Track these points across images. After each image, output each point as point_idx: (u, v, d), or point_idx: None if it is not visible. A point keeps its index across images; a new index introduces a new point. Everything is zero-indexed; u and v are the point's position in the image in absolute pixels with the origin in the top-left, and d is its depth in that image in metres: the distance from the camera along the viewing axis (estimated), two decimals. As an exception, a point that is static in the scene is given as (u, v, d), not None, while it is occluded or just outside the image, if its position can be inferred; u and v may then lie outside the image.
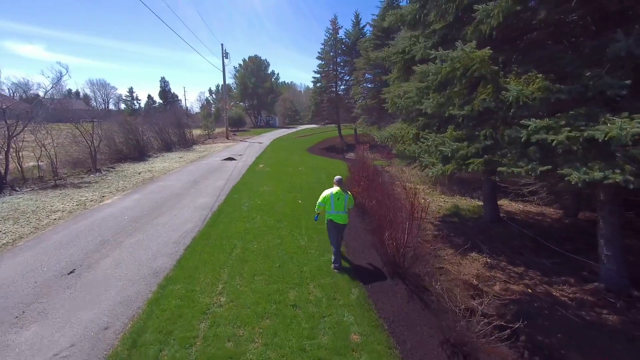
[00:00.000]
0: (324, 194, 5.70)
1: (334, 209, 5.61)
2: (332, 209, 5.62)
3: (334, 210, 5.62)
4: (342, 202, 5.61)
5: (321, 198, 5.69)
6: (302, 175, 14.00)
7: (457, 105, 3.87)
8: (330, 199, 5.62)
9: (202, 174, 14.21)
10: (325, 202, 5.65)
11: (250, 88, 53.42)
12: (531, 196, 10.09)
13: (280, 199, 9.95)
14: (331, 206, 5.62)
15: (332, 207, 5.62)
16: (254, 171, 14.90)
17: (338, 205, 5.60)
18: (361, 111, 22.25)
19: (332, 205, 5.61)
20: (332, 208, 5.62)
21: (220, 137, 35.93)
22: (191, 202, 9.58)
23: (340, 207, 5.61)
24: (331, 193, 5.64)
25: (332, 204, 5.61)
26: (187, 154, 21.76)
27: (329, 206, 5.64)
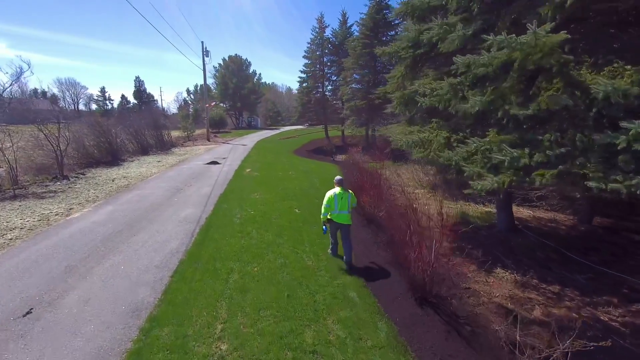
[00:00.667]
0: (327, 195, 5.72)
1: (338, 209, 5.65)
2: (336, 208, 5.66)
3: (337, 209, 5.65)
4: (345, 201, 5.67)
5: (325, 201, 5.71)
6: (294, 181, 13.08)
7: (514, 103, 3.18)
8: (334, 200, 5.66)
9: (185, 180, 13.00)
10: (330, 203, 5.68)
11: (231, 88, 51.78)
12: (539, 201, 9.68)
13: (275, 209, 9.01)
14: (335, 206, 5.66)
15: (336, 207, 5.66)
16: (241, 176, 13.83)
17: (342, 205, 5.65)
18: (350, 112, 21.59)
19: (336, 204, 5.65)
20: (336, 208, 5.66)
21: (200, 139, 34.34)
22: (175, 214, 8.47)
23: (344, 206, 5.66)
24: (334, 193, 5.68)
25: (336, 203, 5.65)
26: (166, 158, 20.30)
27: (332, 206, 5.68)
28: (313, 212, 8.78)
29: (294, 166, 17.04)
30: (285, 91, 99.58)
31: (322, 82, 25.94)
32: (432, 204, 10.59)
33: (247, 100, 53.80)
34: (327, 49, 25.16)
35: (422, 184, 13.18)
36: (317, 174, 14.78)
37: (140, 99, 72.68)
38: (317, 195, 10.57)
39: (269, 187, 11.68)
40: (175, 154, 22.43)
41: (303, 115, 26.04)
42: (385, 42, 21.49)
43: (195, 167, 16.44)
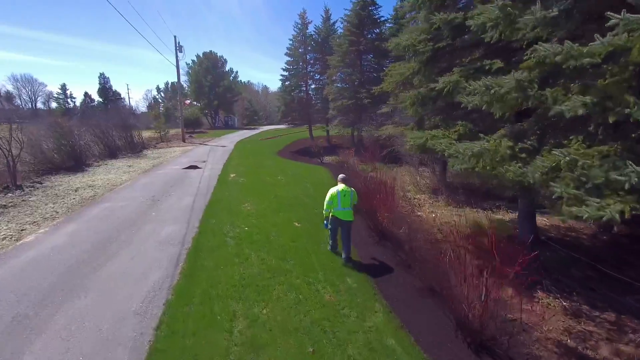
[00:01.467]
0: (330, 192, 5.84)
1: (341, 206, 5.77)
2: (339, 205, 5.77)
3: (340, 207, 5.77)
4: (348, 198, 5.80)
5: (328, 197, 5.85)
6: (285, 187, 11.97)
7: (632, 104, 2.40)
8: (337, 196, 5.78)
9: (162, 188, 11.54)
10: (333, 200, 5.80)
11: (206, 86, 49.44)
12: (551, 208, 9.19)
13: (272, 223, 7.90)
14: (338, 203, 5.77)
15: (339, 204, 5.77)
16: (225, 183, 12.52)
17: (345, 202, 5.78)
18: (337, 112, 20.70)
19: (339, 202, 5.76)
20: (339, 205, 5.77)
21: (175, 139, 32.25)
22: (153, 234, 7.15)
23: (347, 203, 5.80)
24: (337, 190, 5.81)
25: (339, 200, 5.76)
26: (137, 162, 18.47)
27: (335, 203, 5.79)
28: (316, 225, 7.77)
29: (281, 170, 15.89)
30: (262, 90, 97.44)
31: (305, 81, 24.86)
32: (439, 212, 9.91)
33: (224, 99, 51.62)
34: (310, 46, 24.11)
35: (422, 188, 12.51)
36: (309, 179, 13.74)
37: (106, 97, 68.58)
38: (314, 205, 9.57)
39: (260, 196, 10.51)
40: (148, 157, 20.57)
41: (286, 115, 24.85)
42: (372, 40, 20.79)
43: (172, 172, 14.89)
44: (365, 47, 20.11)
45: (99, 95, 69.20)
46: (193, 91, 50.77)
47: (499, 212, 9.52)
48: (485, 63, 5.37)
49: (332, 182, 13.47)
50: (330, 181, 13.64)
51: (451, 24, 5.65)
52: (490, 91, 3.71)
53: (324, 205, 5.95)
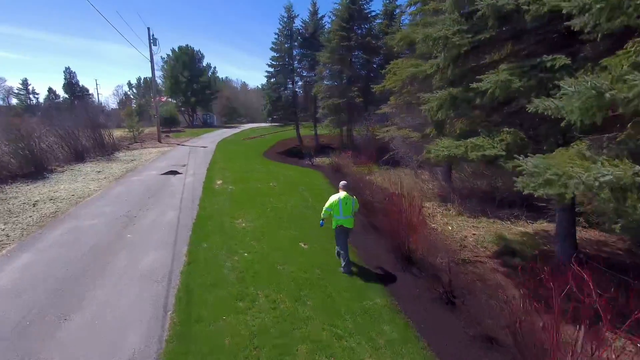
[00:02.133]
0: (331, 199, 5.70)
1: (342, 214, 5.63)
2: (341, 214, 5.63)
3: (342, 215, 5.63)
4: (349, 206, 5.67)
5: (328, 204, 5.70)
6: (280, 196, 10.76)
7: None
8: (338, 205, 5.63)
9: (138, 200, 10.03)
10: (333, 208, 5.66)
11: (183, 82, 46.78)
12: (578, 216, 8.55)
13: (275, 245, 6.72)
14: (339, 211, 5.62)
15: (341, 212, 5.62)
16: (212, 192, 11.15)
17: (346, 210, 5.64)
18: (327, 111, 19.61)
19: (341, 210, 5.61)
20: (341, 213, 5.62)
21: (149, 139, 30.05)
22: (131, 266, 5.80)
23: (348, 211, 5.66)
24: (339, 198, 5.65)
25: (341, 208, 5.61)
26: (108, 166, 16.60)
27: (337, 211, 5.64)
28: (326, 246, 6.67)
29: (272, 174, 14.62)
30: (241, 86, 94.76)
31: (292, 78, 23.56)
32: (454, 223, 9.06)
33: (202, 96, 49.13)
34: (297, 41, 22.81)
35: (427, 195, 11.65)
36: (305, 185, 12.58)
37: (72, 92, 64.30)
38: (318, 218, 8.40)
39: (254, 208, 9.26)
40: (121, 161, 18.67)
41: (272, 113, 23.46)
42: (364, 35, 19.80)
43: (149, 179, 13.29)
44: (356, 43, 19.09)
45: (65, 91, 64.87)
46: (169, 87, 47.94)
47: (519, 222, 8.78)
48: (545, 60, 4.43)
49: (330, 189, 12.41)
50: (328, 188, 12.55)
51: (501, 11, 4.68)
52: (604, 95, 2.76)
53: (323, 210, 5.84)
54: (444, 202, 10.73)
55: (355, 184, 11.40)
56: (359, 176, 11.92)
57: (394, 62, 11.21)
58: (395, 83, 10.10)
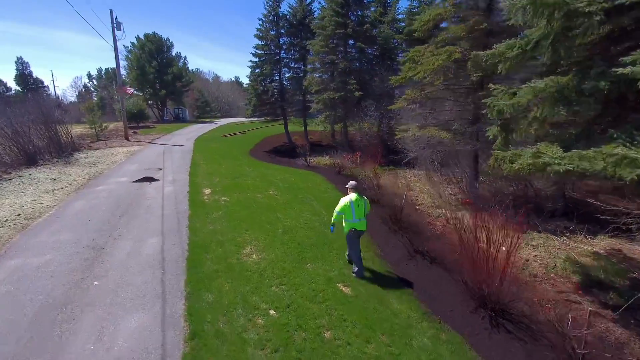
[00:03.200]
0: (343, 201, 5.41)
1: (356, 217, 5.35)
2: (354, 217, 5.35)
3: (355, 218, 5.35)
4: (362, 208, 5.40)
5: (339, 207, 5.40)
6: (287, 210, 8.91)
7: None
8: (350, 207, 5.34)
9: (107, 221, 7.81)
10: (345, 211, 5.37)
11: (151, 73, 42.83)
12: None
13: (309, 294, 4.90)
14: (352, 214, 5.35)
15: (354, 215, 5.35)
16: (203, 206, 9.07)
17: (359, 213, 5.37)
18: (322, 106, 17.76)
19: (353, 213, 5.34)
20: (354, 216, 5.35)
21: (115, 137, 26.82)
22: (100, 347, 3.80)
23: (361, 213, 5.41)
24: (350, 200, 5.35)
25: (353, 211, 5.34)
26: (67, 171, 13.85)
27: (349, 215, 5.36)
28: (373, 288, 4.99)
29: (267, 179, 12.66)
30: (213, 79, 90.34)
31: (279, 69, 21.41)
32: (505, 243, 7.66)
33: (172, 88, 45.33)
34: (283, 28, 20.67)
35: (451, 202, 10.24)
36: (310, 193, 10.77)
37: (26, 84, 58.50)
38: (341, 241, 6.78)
39: (262, 229, 7.37)
40: (82, 164, 15.87)
41: (258, 108, 21.22)
42: (362, 23, 18.07)
43: (119, 188, 10.90)
44: (352, 31, 17.33)
45: (17, 83, 58.97)
46: (134, 79, 43.71)
47: (577, 238, 7.52)
48: None
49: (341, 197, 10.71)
50: (337, 195, 10.84)
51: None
52: None
53: (334, 214, 5.54)
54: (464, 208, 9.35)
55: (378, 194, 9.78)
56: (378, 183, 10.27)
57: (416, 49, 9.59)
58: (423, 73, 8.48)
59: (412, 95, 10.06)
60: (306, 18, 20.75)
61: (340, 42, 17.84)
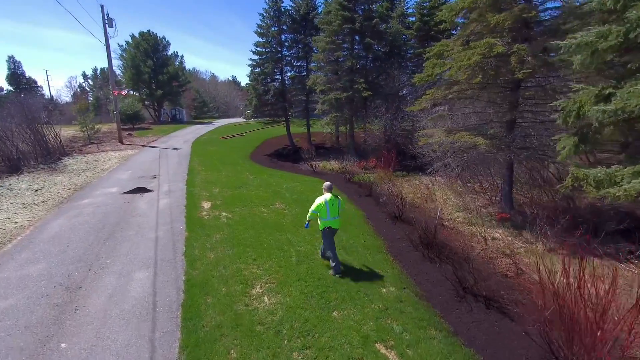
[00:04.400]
0: (318, 201, 5.58)
1: (330, 215, 5.56)
2: (328, 215, 5.56)
3: (329, 216, 5.56)
4: (336, 207, 5.62)
5: (314, 206, 5.58)
6: (298, 228, 7.73)
7: None
8: (325, 206, 5.53)
9: (88, 247, 6.60)
10: (320, 210, 5.56)
11: (146, 73, 41.40)
12: None
13: None
14: (327, 213, 5.55)
15: (328, 214, 5.55)
16: (202, 225, 7.86)
17: (333, 211, 5.58)
18: (328, 107, 16.56)
19: (328, 211, 5.54)
20: (328, 215, 5.55)
21: (109, 139, 25.53)
22: None
23: (335, 212, 5.61)
24: (325, 200, 5.54)
25: (328, 210, 5.54)
26: (51, 181, 12.60)
27: (324, 213, 5.56)
28: (430, 356, 3.81)
29: (271, 188, 11.47)
30: (210, 79, 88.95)
31: (281, 67, 20.18)
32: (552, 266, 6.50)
33: (169, 88, 43.90)
34: (285, 24, 19.43)
35: (481, 214, 9.08)
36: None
37: (18, 84, 57.15)
38: (371, 276, 5.63)
39: (272, 258, 6.18)
40: (70, 171, 14.61)
41: (259, 109, 19.99)
42: (370, 17, 16.85)
43: (106, 202, 9.68)
44: (360, 25, 16.13)
45: (9, 82, 57.77)
46: (129, 78, 42.25)
47: (644, 264, 6.40)
48: None
49: (358, 213, 9.54)
50: (351, 208, 9.69)
51: None
52: None
53: (309, 213, 5.73)
54: (515, 228, 8.20)
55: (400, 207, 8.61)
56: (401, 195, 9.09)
57: (443, 43, 8.42)
58: (456, 69, 7.32)
59: (437, 95, 8.89)
60: (310, 13, 19.53)
61: (347, 38, 16.65)
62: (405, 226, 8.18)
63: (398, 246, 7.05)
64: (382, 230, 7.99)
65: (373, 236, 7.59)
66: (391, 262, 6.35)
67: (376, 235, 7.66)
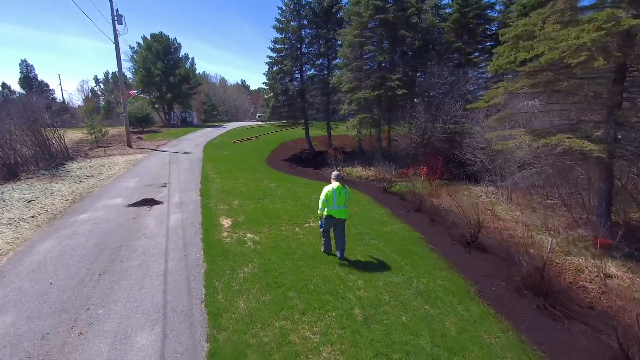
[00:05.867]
0: (326, 190, 5.58)
1: (336, 204, 5.56)
2: (334, 204, 5.56)
3: (335, 205, 5.56)
4: (342, 196, 5.60)
5: (323, 196, 5.58)
6: (350, 263, 5.96)
7: None
8: (332, 195, 5.53)
9: (77, 284, 4.95)
10: (328, 199, 5.55)
11: (156, 75, 40.34)
12: None
13: None
14: (333, 201, 5.54)
15: (335, 203, 5.55)
16: (223, 253, 6.14)
17: (339, 200, 5.56)
18: (356, 107, 14.84)
19: (335, 200, 5.54)
20: (335, 203, 5.55)
21: (117, 142, 24.24)
22: None
23: (342, 201, 5.59)
24: (332, 188, 5.55)
25: (335, 199, 5.54)
26: (49, 189, 11.10)
27: (331, 201, 5.55)
28: None
29: (300, 200, 9.74)
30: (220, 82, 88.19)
31: (300, 66, 18.58)
32: None
33: (180, 91, 42.83)
34: (306, 18, 17.85)
35: (569, 240, 7.17)
36: (365, 225, 7.82)
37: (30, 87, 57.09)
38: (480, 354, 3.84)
39: (323, 309, 4.43)
40: (71, 177, 13.13)
41: (276, 110, 18.38)
42: (404, 8, 15.11)
43: (108, 218, 8.06)
44: (394, 16, 14.40)
45: (21, 86, 57.87)
46: (140, 81, 41.24)
47: None
48: None
49: (412, 236, 7.76)
50: (403, 228, 7.91)
51: None
52: None
53: (319, 204, 5.65)
54: (626, 258, 6.28)
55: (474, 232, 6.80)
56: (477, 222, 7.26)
57: (526, 22, 6.62)
58: (560, 52, 5.52)
59: (515, 87, 7.08)
60: (334, 6, 17.90)
61: (378, 30, 14.93)
62: (484, 256, 6.35)
63: (491, 289, 5.23)
64: (455, 261, 6.17)
65: (449, 272, 5.77)
66: (495, 318, 4.52)
67: (452, 270, 5.85)
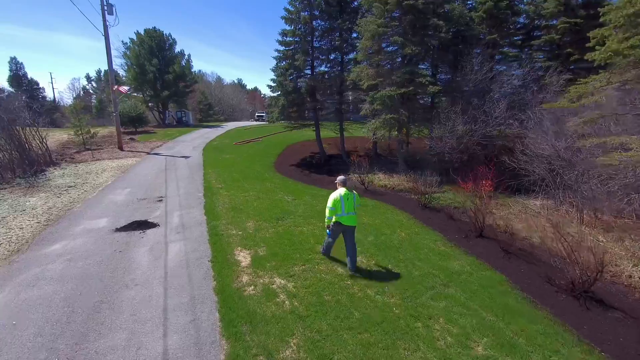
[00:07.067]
0: (333, 196, 5.37)
1: (345, 211, 5.34)
2: (343, 210, 5.34)
3: (344, 212, 5.34)
4: (351, 202, 5.38)
5: (331, 203, 5.35)
6: (426, 320, 4.16)
7: None
8: (340, 201, 5.32)
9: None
10: (336, 206, 5.33)
11: (150, 72, 38.13)
12: None
13: None
14: (342, 208, 5.33)
15: (343, 209, 5.34)
16: (248, 315, 4.32)
17: (348, 206, 5.34)
18: (380, 106, 13.04)
19: (343, 206, 5.33)
20: (343, 210, 5.34)
21: (107, 144, 22.20)
22: None
23: (350, 207, 5.37)
24: (340, 195, 5.35)
25: (343, 205, 5.33)
26: (20, 205, 9.11)
27: (339, 208, 5.34)
28: None
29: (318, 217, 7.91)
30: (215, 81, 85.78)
31: (312, 61, 16.73)
32: None
33: (175, 89, 40.63)
34: (319, 8, 16.02)
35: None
36: (421, 260, 6.02)
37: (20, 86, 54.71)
38: None
39: None
40: (51, 188, 11.13)
41: (285, 110, 16.49)
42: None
43: (87, 250, 6.15)
44: (423, 3, 12.62)
45: (10, 84, 55.49)
46: (133, 78, 38.96)
47: None
48: None
49: (492, 278, 5.95)
50: (467, 262, 6.14)
51: None
52: None
53: (327, 212, 5.44)
54: None
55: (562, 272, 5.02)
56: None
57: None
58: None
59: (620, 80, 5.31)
60: (349, -5, 16.07)
61: (407, 18, 13.14)
62: (608, 314, 4.58)
63: None
64: (571, 320, 4.38)
65: (571, 345, 3.99)
66: None
67: (581, 342, 4.06)
